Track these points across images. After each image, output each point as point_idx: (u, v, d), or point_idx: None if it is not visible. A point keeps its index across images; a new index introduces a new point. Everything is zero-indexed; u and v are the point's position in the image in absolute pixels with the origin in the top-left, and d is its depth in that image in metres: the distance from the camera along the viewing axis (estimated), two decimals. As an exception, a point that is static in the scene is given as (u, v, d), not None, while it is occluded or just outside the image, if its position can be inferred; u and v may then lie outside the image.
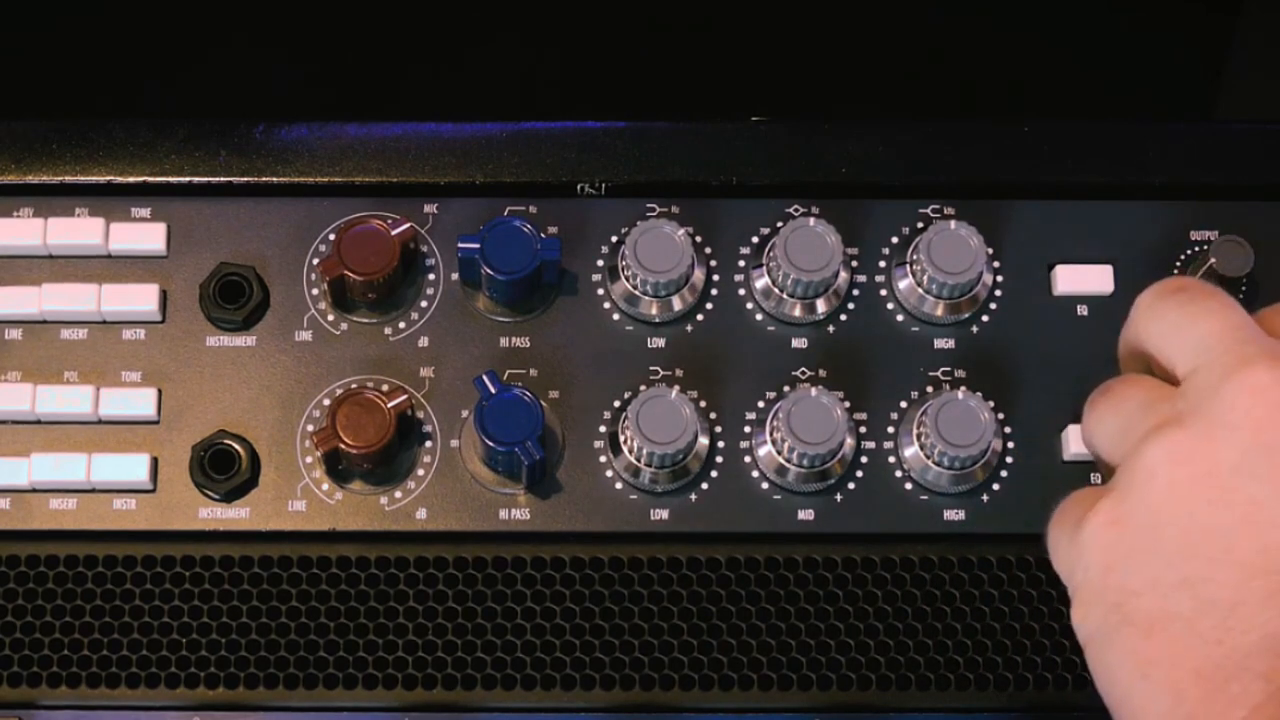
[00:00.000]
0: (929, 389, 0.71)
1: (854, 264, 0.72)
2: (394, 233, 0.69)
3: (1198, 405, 0.56)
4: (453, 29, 0.94)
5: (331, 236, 0.72)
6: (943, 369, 0.71)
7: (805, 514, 0.70)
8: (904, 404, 0.71)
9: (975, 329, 0.72)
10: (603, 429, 0.70)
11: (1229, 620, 0.53)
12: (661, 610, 0.69)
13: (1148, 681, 0.54)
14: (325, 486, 0.70)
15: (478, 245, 0.69)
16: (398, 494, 0.70)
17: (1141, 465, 0.56)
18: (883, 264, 0.72)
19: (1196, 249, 0.72)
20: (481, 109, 0.75)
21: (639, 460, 0.69)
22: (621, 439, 0.69)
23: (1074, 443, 0.70)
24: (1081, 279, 0.72)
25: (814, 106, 0.92)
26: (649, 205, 0.73)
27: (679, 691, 0.69)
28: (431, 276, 0.72)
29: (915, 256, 0.70)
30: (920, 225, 0.72)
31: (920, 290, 0.71)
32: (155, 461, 0.70)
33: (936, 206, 0.73)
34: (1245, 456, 0.54)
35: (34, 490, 0.70)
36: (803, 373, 0.71)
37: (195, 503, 0.70)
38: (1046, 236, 0.73)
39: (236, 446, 0.70)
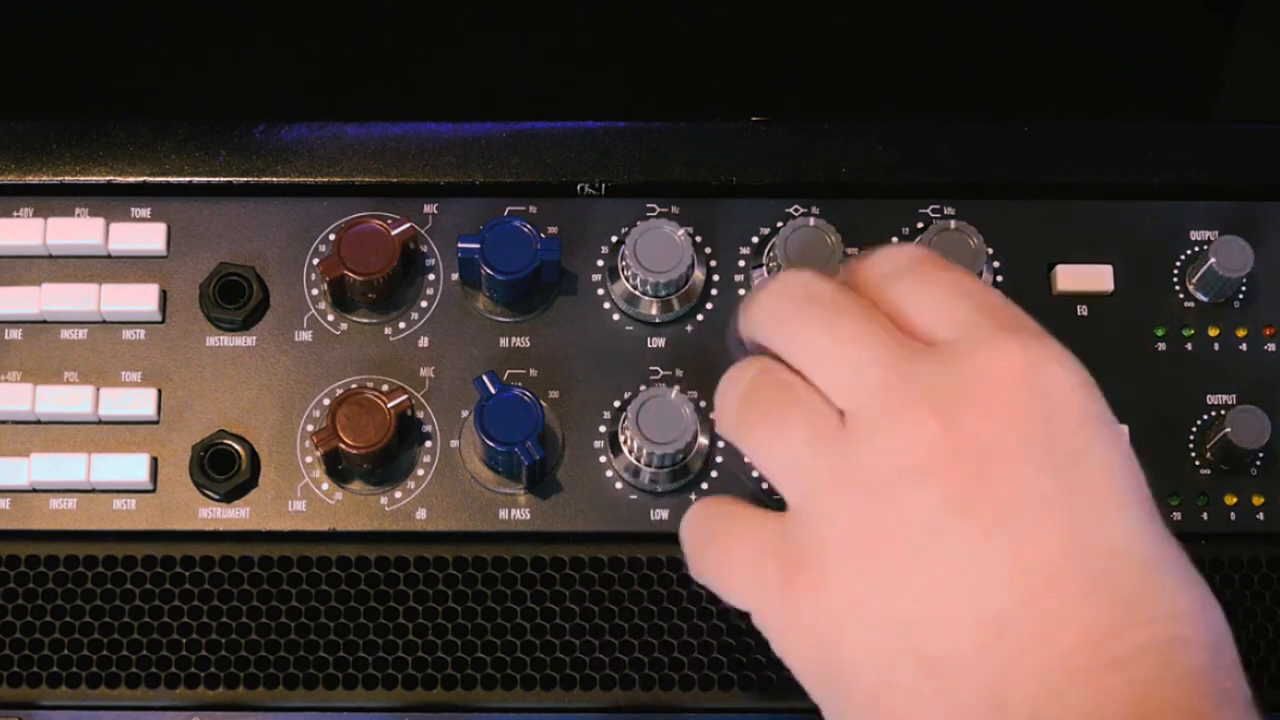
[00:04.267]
0: (929, 389, 0.71)
1: (854, 264, 0.72)
2: (394, 233, 0.69)
3: (875, 460, 0.53)
4: (453, 29, 0.94)
5: (331, 236, 0.72)
6: (943, 369, 0.71)
7: (805, 514, 0.70)
8: (904, 404, 0.71)
9: (975, 329, 0.72)
10: (603, 429, 0.70)
11: (950, 682, 0.51)
12: (661, 610, 0.69)
13: None
14: (325, 486, 0.70)
15: (478, 245, 0.69)
16: (398, 494, 0.70)
17: (832, 536, 0.53)
18: (883, 264, 0.72)
19: (1196, 249, 0.72)
20: (481, 109, 0.75)
21: (639, 460, 0.69)
22: (621, 439, 0.69)
23: (1074, 443, 0.70)
24: (1081, 279, 0.72)
25: (814, 106, 0.92)
26: (649, 205, 0.73)
27: (679, 691, 0.69)
28: (431, 276, 0.72)
29: (915, 256, 0.70)
30: (920, 225, 0.72)
31: (920, 290, 0.71)
32: (155, 461, 0.70)
33: (936, 206, 0.73)
34: (934, 516, 0.51)
35: (34, 490, 0.70)
36: (803, 373, 0.71)
37: (195, 503, 0.70)
38: (1046, 236, 0.73)
39: (236, 446, 0.70)
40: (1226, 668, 0.51)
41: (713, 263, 0.72)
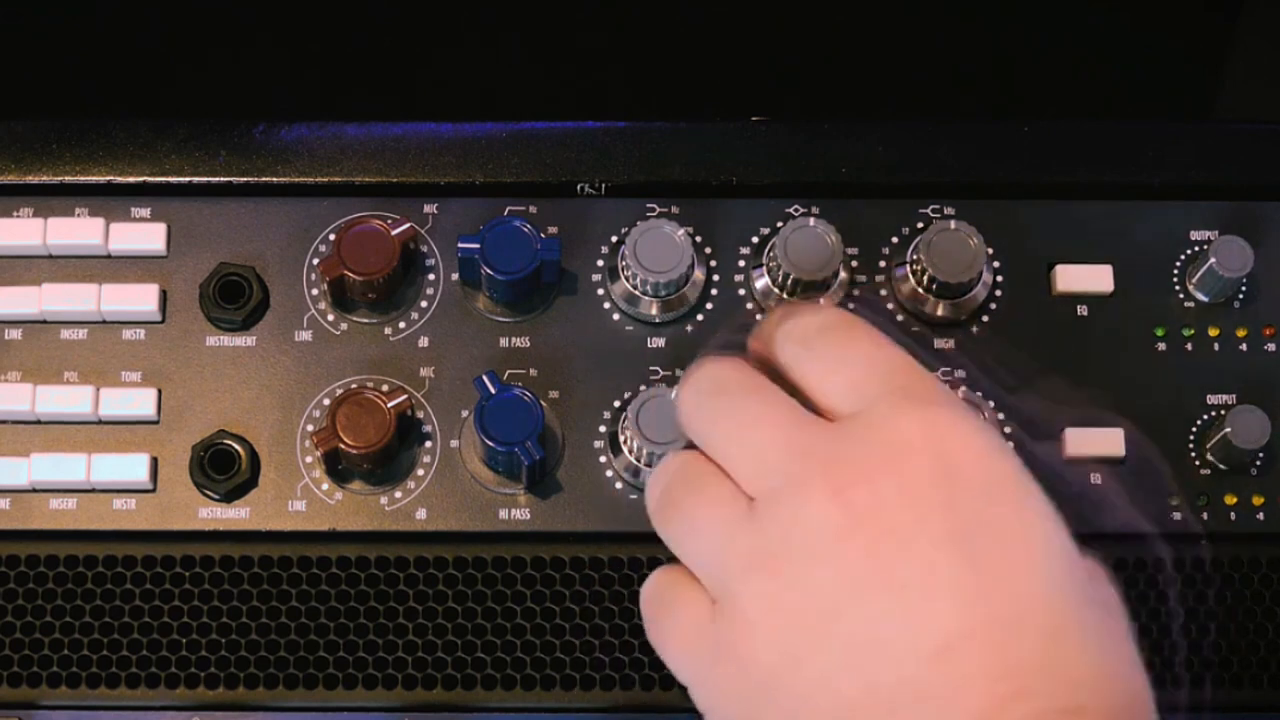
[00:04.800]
0: (929, 389, 0.71)
1: (854, 264, 0.72)
2: (394, 233, 0.69)
3: (777, 542, 0.52)
4: (453, 29, 0.94)
5: (331, 236, 0.72)
6: (943, 369, 0.71)
7: (805, 514, 0.70)
8: (904, 404, 0.71)
9: (975, 329, 0.72)
10: (603, 429, 0.70)
11: None
12: (661, 610, 0.69)
13: None
14: (325, 486, 0.70)
15: (478, 245, 0.69)
16: (398, 494, 0.70)
17: (742, 618, 0.53)
18: (883, 264, 0.72)
19: (1196, 249, 0.72)
20: (481, 109, 0.75)
21: (639, 460, 0.69)
22: (621, 439, 0.69)
23: (1073, 443, 0.70)
24: (1081, 279, 0.72)
25: (814, 106, 0.92)
26: (649, 205, 0.73)
27: (679, 691, 0.69)
28: (431, 276, 0.72)
29: (915, 256, 0.70)
30: (920, 225, 0.72)
31: (920, 290, 0.71)
32: (155, 461, 0.70)
33: (936, 206, 0.73)
34: (834, 594, 0.51)
35: (34, 490, 0.70)
36: (803, 373, 0.71)
37: (195, 503, 0.70)
38: (1046, 236, 0.73)
39: (236, 446, 0.70)
40: None
41: (713, 263, 0.72)
